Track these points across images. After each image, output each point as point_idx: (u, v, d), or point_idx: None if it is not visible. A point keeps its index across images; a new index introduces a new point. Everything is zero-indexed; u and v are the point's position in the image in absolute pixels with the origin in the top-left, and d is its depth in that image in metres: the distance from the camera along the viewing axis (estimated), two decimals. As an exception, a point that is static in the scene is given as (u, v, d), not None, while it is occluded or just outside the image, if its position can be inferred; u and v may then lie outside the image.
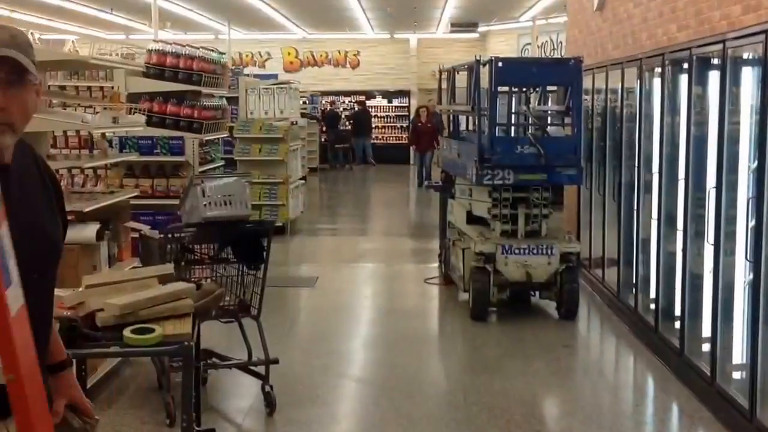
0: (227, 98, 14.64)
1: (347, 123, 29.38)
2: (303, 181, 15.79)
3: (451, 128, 10.99)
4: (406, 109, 30.26)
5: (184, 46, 9.18)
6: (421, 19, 26.00)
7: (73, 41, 17.56)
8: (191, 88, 9.13)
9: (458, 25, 25.83)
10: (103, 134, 8.32)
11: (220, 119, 9.81)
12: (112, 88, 9.11)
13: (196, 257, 5.97)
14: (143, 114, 9.09)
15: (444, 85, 11.02)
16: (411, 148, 24.19)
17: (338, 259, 12.58)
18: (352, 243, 14.12)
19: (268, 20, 26.22)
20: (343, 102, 30.77)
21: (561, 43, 21.82)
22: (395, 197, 21.93)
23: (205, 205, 5.66)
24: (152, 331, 3.52)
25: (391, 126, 30.59)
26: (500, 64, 8.41)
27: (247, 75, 19.69)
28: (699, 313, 6.62)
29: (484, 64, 8.66)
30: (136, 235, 6.98)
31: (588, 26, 10.72)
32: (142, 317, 3.61)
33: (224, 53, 10.04)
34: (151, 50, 9.19)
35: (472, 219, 9.46)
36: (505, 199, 8.71)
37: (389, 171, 27.17)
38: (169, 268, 4.17)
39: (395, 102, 30.52)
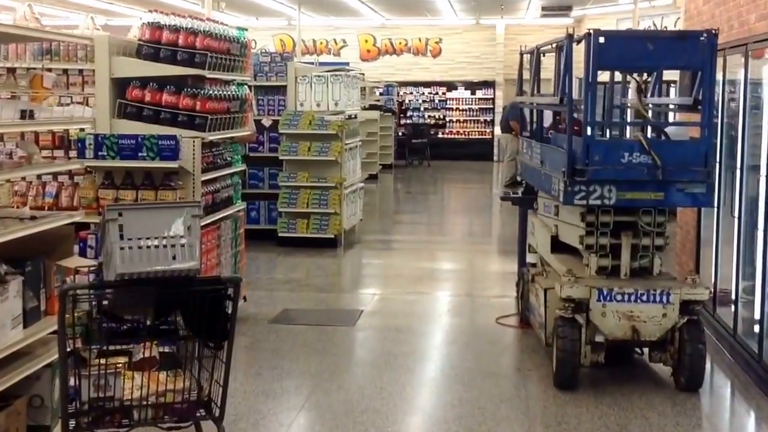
0: (276, 87, 12.67)
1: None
2: (362, 184, 13.62)
3: (534, 126, 8.67)
4: (491, 101, 28.03)
5: (185, 17, 7.08)
6: (509, 2, 23.77)
7: (139, 27, 15.82)
8: (194, 72, 7.03)
9: (550, 9, 23.63)
10: (36, 134, 6.39)
11: (237, 113, 7.68)
12: (93, 71, 7.08)
13: (125, 327, 3.85)
14: (140, 105, 7.06)
15: (526, 75, 8.76)
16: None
17: (394, 284, 10.35)
18: (417, 261, 11.85)
19: (342, 4, 24.43)
20: (422, 93, 28.58)
21: (666, 27, 19.23)
22: (476, 201, 19.63)
23: (122, 250, 3.55)
24: None
25: (474, 120, 28.33)
26: (602, 39, 6.09)
27: (311, 63, 17.65)
28: None
29: (579, 41, 6.37)
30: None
31: (716, -7, 8.26)
32: None
33: (245, 29, 7.92)
34: (145, 23, 7.12)
35: (558, 245, 7.21)
36: (604, 224, 6.41)
37: (471, 169, 24.91)
38: None
39: (479, 94, 28.27)
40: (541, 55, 8.17)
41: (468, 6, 24.86)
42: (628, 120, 9.98)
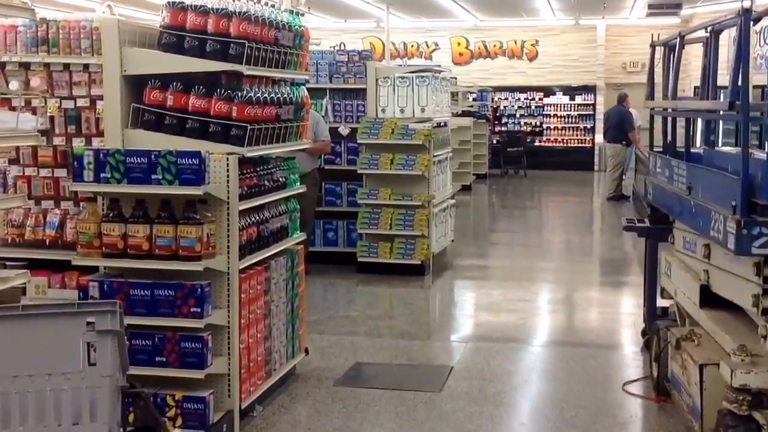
0: (354, 91, 11.00)
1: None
2: (453, 200, 11.88)
3: (670, 139, 6.79)
4: (591, 107, 26.04)
5: (218, -4, 5.41)
6: (612, 0, 21.72)
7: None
8: (228, 68, 5.36)
9: (657, 7, 21.47)
10: (34, 148, 4.86)
11: (291, 121, 5.99)
12: (100, 66, 5.45)
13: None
14: (161, 112, 5.43)
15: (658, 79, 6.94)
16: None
17: (490, 326, 8.57)
18: (516, 292, 10.01)
19: (433, 4, 22.82)
20: (518, 99, 26.72)
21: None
22: (578, 217, 17.66)
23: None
24: None
25: (573, 127, 26.32)
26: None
27: (400, 65, 16.00)
28: None
29: (757, 19, 4.51)
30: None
31: None
32: None
33: (302, 14, 6.25)
34: (165, 5, 5.48)
35: (710, 298, 5.38)
36: (789, 279, 4.54)
37: (570, 180, 22.99)
38: None
39: (578, 99, 26.29)
40: (682, 46, 6.33)
41: (567, 5, 22.91)
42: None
